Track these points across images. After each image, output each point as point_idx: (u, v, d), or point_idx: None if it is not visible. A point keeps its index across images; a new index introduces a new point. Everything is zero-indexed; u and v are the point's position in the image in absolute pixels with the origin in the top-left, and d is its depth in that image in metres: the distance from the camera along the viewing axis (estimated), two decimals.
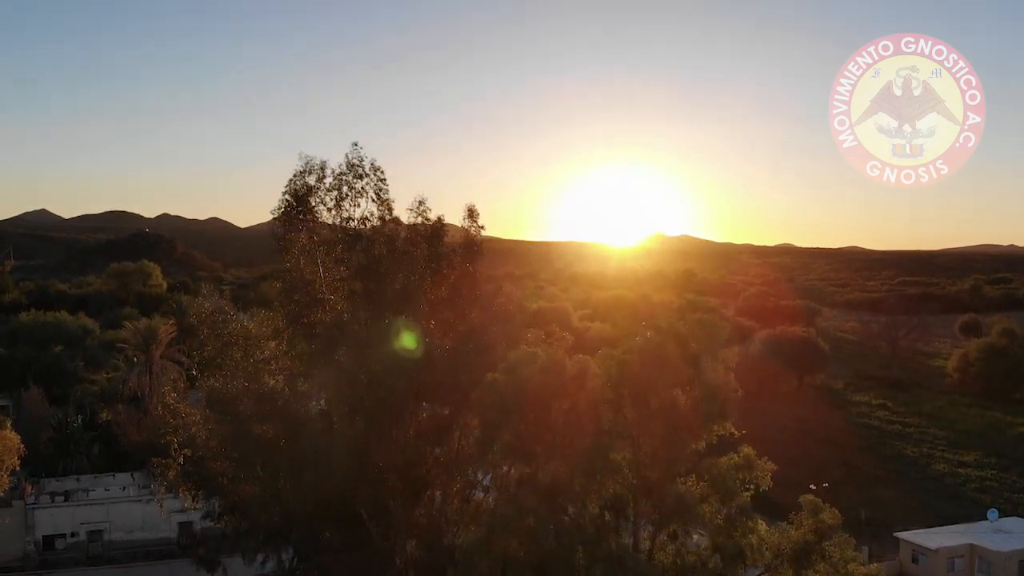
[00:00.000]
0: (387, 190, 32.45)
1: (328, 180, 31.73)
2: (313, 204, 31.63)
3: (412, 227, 31.99)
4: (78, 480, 50.83)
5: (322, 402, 31.34)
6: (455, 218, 32.97)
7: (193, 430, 30.85)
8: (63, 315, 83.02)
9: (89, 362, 75.99)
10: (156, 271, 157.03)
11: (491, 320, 28.49)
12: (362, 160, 31.74)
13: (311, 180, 31.66)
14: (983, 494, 64.39)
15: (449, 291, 31.56)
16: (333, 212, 31.86)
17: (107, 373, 61.47)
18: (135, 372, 56.89)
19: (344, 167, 31.93)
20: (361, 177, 32.05)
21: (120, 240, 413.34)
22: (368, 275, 30.68)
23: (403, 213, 31.81)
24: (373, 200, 32.18)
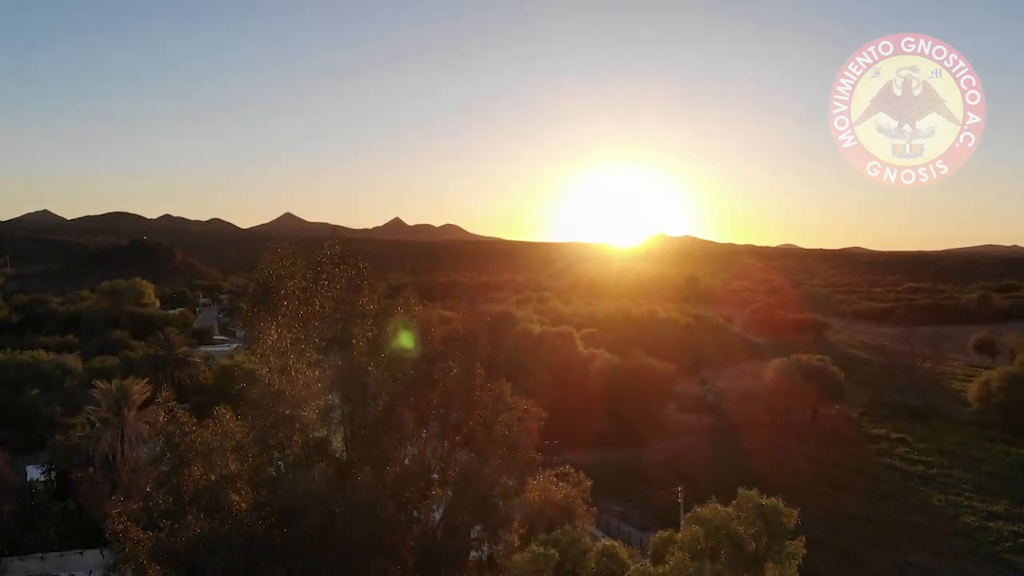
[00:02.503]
0: (368, 280, 28.59)
1: (301, 271, 28.00)
2: (283, 294, 27.59)
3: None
4: (43, 560, 46.79)
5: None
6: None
7: (143, 562, 26.72)
8: (40, 353, 78.95)
9: (67, 404, 71.99)
10: (149, 289, 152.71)
11: (493, 447, 24.29)
12: (340, 249, 28.11)
13: (282, 269, 27.74)
14: (1018, 555, 60.18)
15: (441, 398, 27.50)
16: (306, 305, 27.96)
17: (79, 432, 57.34)
18: (108, 432, 52.79)
19: (323, 256, 28.29)
20: (338, 265, 28.35)
21: (120, 247, 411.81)
22: (348, 384, 26.63)
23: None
24: (354, 290, 28.30)
